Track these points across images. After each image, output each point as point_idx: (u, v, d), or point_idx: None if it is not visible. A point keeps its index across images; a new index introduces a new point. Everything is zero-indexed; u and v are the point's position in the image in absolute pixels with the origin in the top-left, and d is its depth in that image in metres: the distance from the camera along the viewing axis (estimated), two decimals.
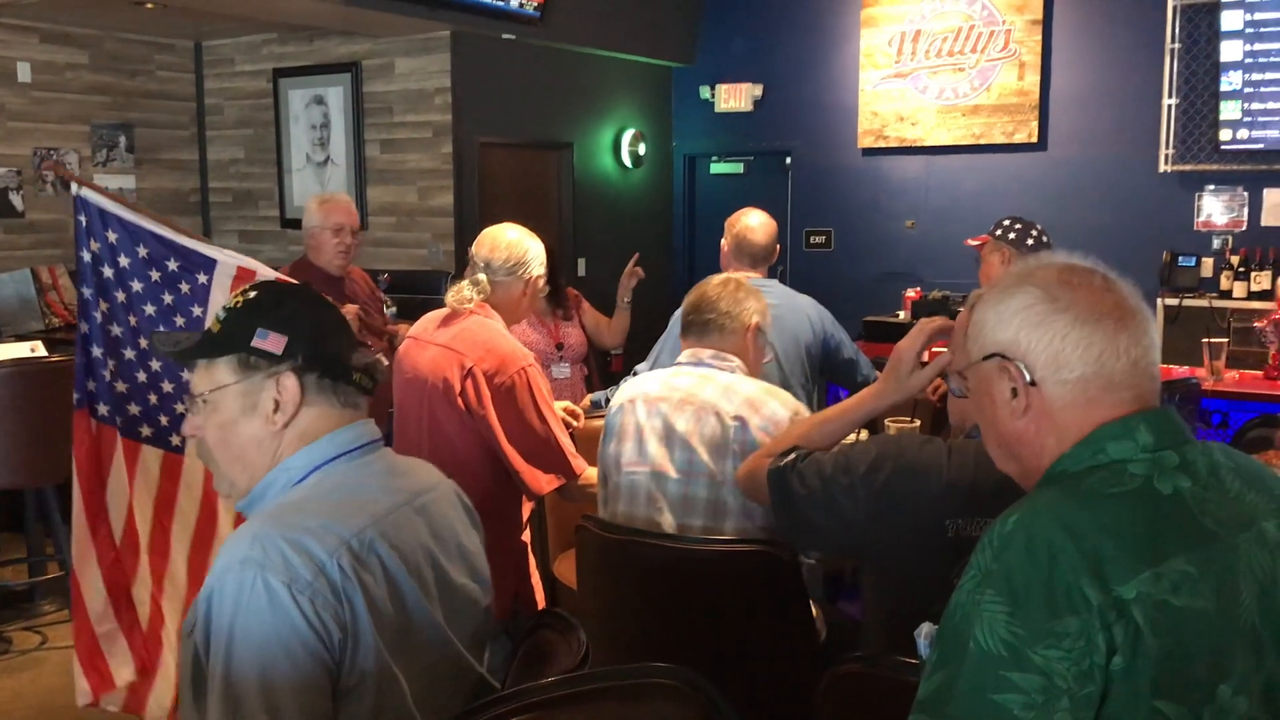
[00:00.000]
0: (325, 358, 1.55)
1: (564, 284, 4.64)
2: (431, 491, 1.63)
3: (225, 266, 2.95)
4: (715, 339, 2.57)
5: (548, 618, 1.88)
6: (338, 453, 1.54)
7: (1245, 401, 4.24)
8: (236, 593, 1.37)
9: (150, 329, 2.88)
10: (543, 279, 2.96)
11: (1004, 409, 1.32)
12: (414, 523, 1.54)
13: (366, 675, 1.42)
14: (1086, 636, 1.12)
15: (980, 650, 1.15)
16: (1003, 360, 1.30)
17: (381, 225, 7.36)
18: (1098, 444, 1.25)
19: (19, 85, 6.87)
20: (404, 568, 1.48)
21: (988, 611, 1.16)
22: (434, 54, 7.02)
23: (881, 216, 7.99)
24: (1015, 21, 7.34)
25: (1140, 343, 1.28)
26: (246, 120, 7.87)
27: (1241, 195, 6.84)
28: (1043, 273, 1.32)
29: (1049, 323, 1.28)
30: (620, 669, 1.54)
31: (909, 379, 2.04)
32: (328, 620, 1.38)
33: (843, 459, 2.00)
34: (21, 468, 3.97)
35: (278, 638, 1.35)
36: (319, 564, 1.39)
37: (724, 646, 2.30)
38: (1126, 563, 1.14)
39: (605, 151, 8.26)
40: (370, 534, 1.45)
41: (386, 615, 1.44)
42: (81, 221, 2.88)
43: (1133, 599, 1.13)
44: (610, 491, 2.57)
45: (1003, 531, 1.20)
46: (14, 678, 3.89)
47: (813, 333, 3.63)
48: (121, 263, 2.89)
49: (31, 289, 6.25)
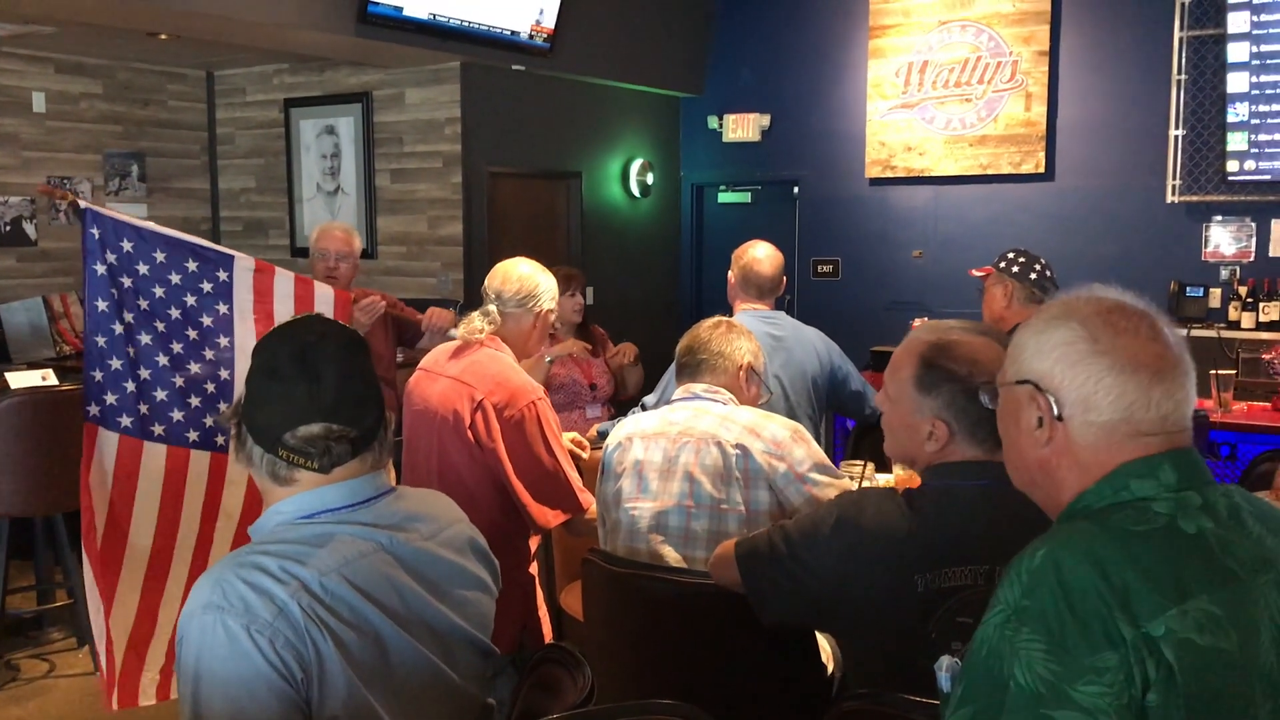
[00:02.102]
0: (253, 429, 1.57)
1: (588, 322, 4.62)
2: (436, 535, 1.64)
3: (243, 261, 3.00)
4: (707, 378, 2.62)
5: (554, 652, 1.88)
6: (322, 508, 1.55)
7: (1254, 434, 4.23)
8: (199, 638, 1.40)
9: (179, 331, 2.92)
10: (554, 313, 2.99)
11: (1028, 436, 1.33)
12: (391, 567, 1.54)
13: (337, 712, 1.43)
14: (1125, 671, 1.13)
15: (1020, 689, 1.15)
16: (1035, 390, 1.31)
17: (391, 254, 7.39)
18: (1121, 481, 1.26)
19: (34, 115, 6.94)
20: (375, 608, 1.49)
21: (1024, 649, 1.15)
22: (444, 84, 7.07)
23: (889, 246, 8.00)
24: (1022, 52, 7.38)
25: (1174, 397, 1.27)
26: (258, 150, 7.93)
27: (1249, 226, 6.84)
28: (1091, 309, 1.31)
29: (1086, 364, 1.27)
30: (624, 705, 1.54)
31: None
32: (289, 660, 1.40)
33: (808, 524, 1.98)
34: (32, 496, 3.98)
35: (240, 680, 1.38)
36: (279, 605, 1.41)
37: (730, 680, 2.30)
38: (1154, 600, 1.15)
39: (613, 181, 8.30)
40: (334, 577, 1.47)
41: (358, 653, 1.46)
42: (94, 234, 2.90)
43: (1161, 635, 1.13)
44: (609, 529, 2.57)
45: (1030, 567, 1.20)
46: (21, 706, 3.89)
47: (820, 364, 3.64)
48: (141, 270, 2.92)
49: (43, 317, 6.29)
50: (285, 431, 1.53)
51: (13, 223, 6.85)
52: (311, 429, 1.53)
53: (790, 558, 1.96)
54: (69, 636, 4.40)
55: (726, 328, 2.69)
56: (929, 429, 1.89)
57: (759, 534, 2.09)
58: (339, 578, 1.47)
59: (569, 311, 4.45)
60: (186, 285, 2.93)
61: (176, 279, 2.92)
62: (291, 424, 1.53)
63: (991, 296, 3.74)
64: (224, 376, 2.98)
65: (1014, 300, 3.67)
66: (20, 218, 6.89)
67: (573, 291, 4.47)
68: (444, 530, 1.67)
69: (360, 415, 1.57)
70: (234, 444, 1.60)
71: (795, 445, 2.42)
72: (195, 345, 2.96)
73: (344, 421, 1.54)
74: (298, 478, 1.56)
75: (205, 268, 2.94)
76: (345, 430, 1.54)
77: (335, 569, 1.48)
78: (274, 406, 1.55)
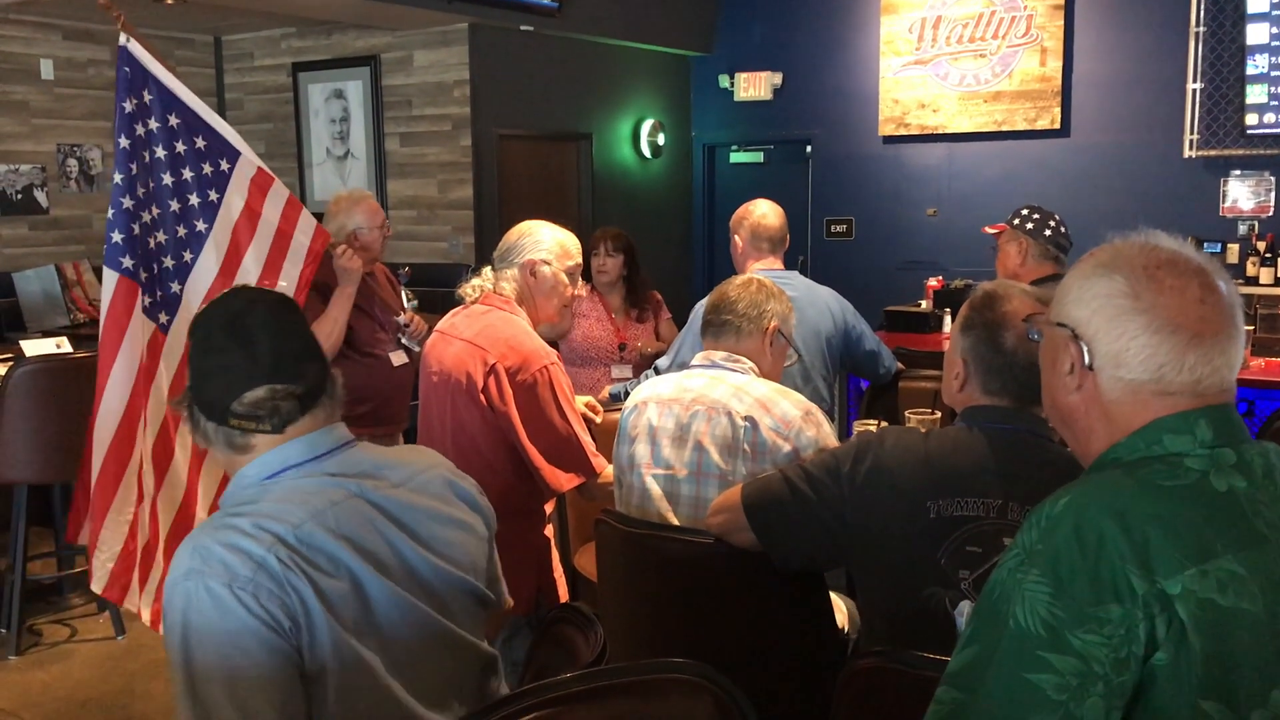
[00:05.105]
0: (202, 405, 1.62)
1: (646, 282, 4.60)
2: (408, 482, 1.66)
3: (246, 163, 3.02)
4: (731, 340, 2.56)
5: (567, 612, 1.89)
6: (284, 465, 1.59)
7: (1271, 390, 4.20)
8: (184, 605, 1.44)
9: (169, 197, 2.94)
10: (547, 265, 2.85)
11: (1060, 379, 1.32)
12: (365, 513, 1.57)
13: (327, 660, 1.46)
14: (1128, 625, 1.12)
15: (1019, 628, 1.15)
16: (1071, 336, 1.30)
17: (402, 219, 7.38)
18: (1154, 435, 1.24)
19: (42, 82, 6.92)
20: (356, 555, 1.52)
21: (1030, 591, 1.16)
22: (452, 46, 7.02)
23: (903, 205, 7.95)
24: (1037, 6, 7.28)
25: (1211, 362, 1.24)
26: (266, 115, 7.91)
27: (1268, 180, 6.76)
28: (1141, 261, 1.28)
29: (1122, 320, 1.25)
30: (637, 665, 1.55)
31: None
32: (274, 610, 1.43)
33: (829, 459, 2.05)
34: (49, 463, 4.00)
35: (229, 638, 1.41)
36: (257, 560, 1.44)
37: (743, 640, 2.30)
38: (1174, 557, 1.14)
39: (624, 142, 8.25)
40: (308, 527, 1.50)
41: (339, 602, 1.48)
42: (126, 72, 2.92)
43: (1177, 594, 1.12)
44: (625, 492, 2.57)
45: (1051, 513, 1.20)
46: (44, 670, 3.94)
47: (834, 325, 3.62)
48: (152, 125, 2.95)
49: (56, 285, 6.31)
50: (231, 401, 1.58)
51: (24, 191, 6.85)
52: (256, 393, 1.58)
53: (810, 493, 2.02)
54: (89, 602, 4.44)
55: (757, 286, 2.60)
56: (958, 369, 2.00)
57: (769, 476, 2.14)
58: (313, 527, 1.50)
59: (594, 272, 4.47)
60: (188, 159, 2.95)
61: (181, 148, 2.94)
62: (236, 392, 1.58)
63: (1005, 254, 3.71)
64: (186, 259, 2.99)
65: (1028, 257, 3.64)
66: (31, 186, 6.89)
67: (596, 251, 4.47)
68: (416, 476, 1.68)
69: (302, 371, 1.61)
70: (190, 425, 1.65)
71: (805, 427, 2.36)
72: (177, 216, 2.98)
73: (286, 380, 1.59)
74: (254, 443, 1.60)
75: (212, 150, 2.96)
76: (290, 388, 1.58)
77: (308, 519, 1.51)
78: (216, 379, 1.60)
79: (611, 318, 4.46)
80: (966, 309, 2.03)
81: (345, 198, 4.01)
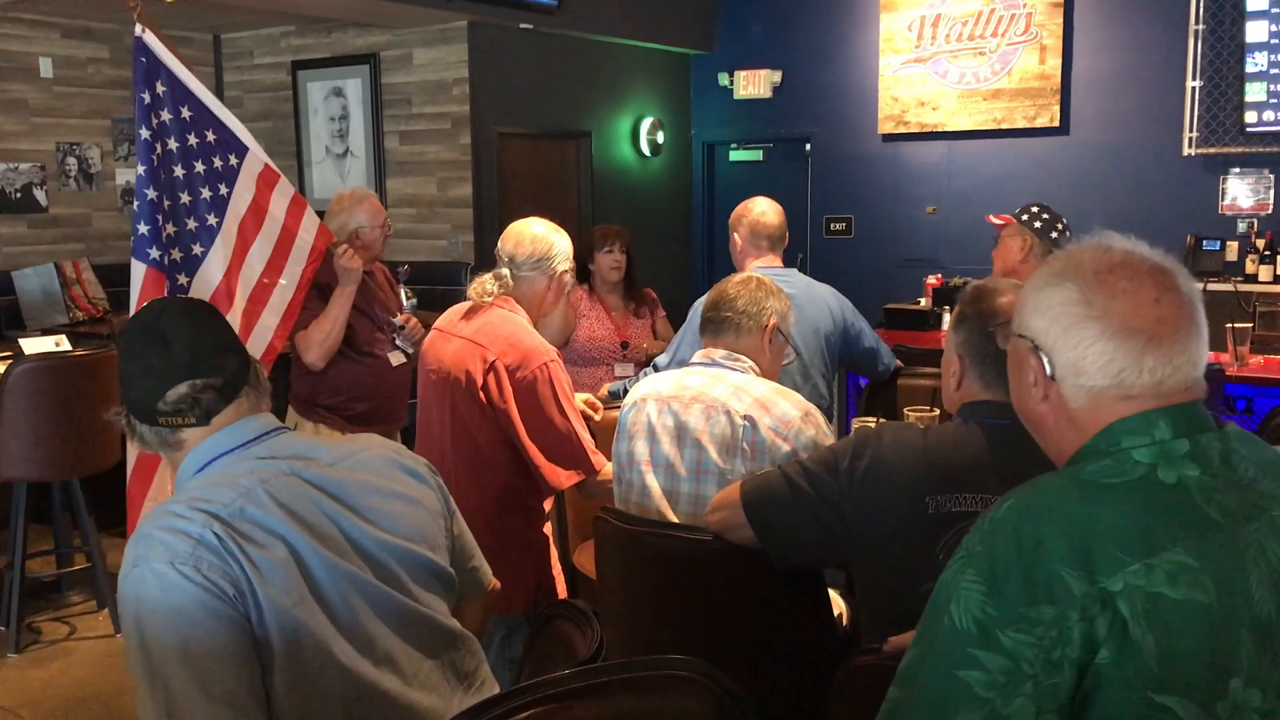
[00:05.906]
0: (133, 410, 1.70)
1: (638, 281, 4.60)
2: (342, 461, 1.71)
3: (254, 158, 3.02)
4: (730, 338, 2.56)
5: (564, 608, 1.89)
6: (215, 454, 1.67)
7: (1270, 387, 4.20)
8: (135, 593, 1.49)
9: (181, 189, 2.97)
10: (569, 274, 2.94)
11: (1027, 389, 1.33)
12: (299, 489, 1.62)
13: (270, 629, 1.51)
14: (1060, 627, 1.12)
15: (953, 626, 1.17)
16: (1031, 346, 1.30)
17: (401, 217, 7.37)
18: (1113, 438, 1.24)
19: (41, 80, 6.92)
20: (294, 525, 1.57)
21: (965, 590, 1.17)
22: (452, 44, 7.02)
23: (902, 203, 7.95)
24: (1036, 4, 7.28)
25: (1172, 362, 1.23)
26: (266, 113, 7.90)
27: (1267, 178, 6.76)
28: (1092, 267, 1.27)
29: (1077, 330, 1.25)
30: (635, 661, 1.55)
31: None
32: (218, 580, 1.48)
33: (828, 455, 2.06)
34: (49, 461, 4.01)
35: (177, 612, 1.46)
36: (195, 536, 1.50)
37: (742, 637, 2.30)
38: (1115, 555, 1.14)
39: (624, 140, 8.25)
40: (239, 503, 1.56)
41: (279, 573, 1.53)
42: (142, 62, 2.95)
43: (1119, 591, 1.12)
44: (624, 490, 2.57)
45: (994, 516, 1.21)
46: (44, 668, 3.94)
47: (833, 322, 3.62)
48: (164, 117, 2.98)
49: (56, 283, 6.30)
50: (157, 401, 1.66)
51: (23, 189, 6.85)
52: (178, 389, 1.65)
53: (809, 489, 2.02)
54: (89, 600, 4.45)
55: (756, 284, 2.60)
56: (954, 366, 2.00)
57: (767, 473, 2.14)
58: (244, 502, 1.56)
59: (606, 269, 4.48)
60: (200, 152, 2.97)
61: (193, 141, 2.96)
62: (160, 392, 1.66)
63: (1007, 248, 3.70)
64: (196, 252, 3.01)
65: (1031, 255, 3.63)
66: (31, 184, 6.89)
67: (609, 248, 4.47)
68: (353, 455, 1.73)
69: (220, 364, 1.68)
70: (129, 433, 1.73)
71: (805, 428, 2.36)
72: (188, 209, 3.01)
73: (205, 374, 1.66)
74: (184, 438, 1.69)
75: (222, 145, 2.98)
76: (209, 381, 1.66)
77: (239, 496, 1.57)
78: (140, 383, 1.67)
79: (611, 316, 4.47)
80: (958, 306, 2.04)
81: (348, 196, 3.99)
